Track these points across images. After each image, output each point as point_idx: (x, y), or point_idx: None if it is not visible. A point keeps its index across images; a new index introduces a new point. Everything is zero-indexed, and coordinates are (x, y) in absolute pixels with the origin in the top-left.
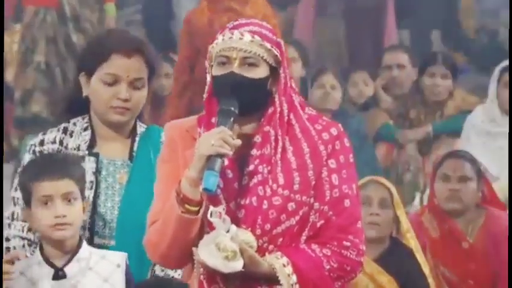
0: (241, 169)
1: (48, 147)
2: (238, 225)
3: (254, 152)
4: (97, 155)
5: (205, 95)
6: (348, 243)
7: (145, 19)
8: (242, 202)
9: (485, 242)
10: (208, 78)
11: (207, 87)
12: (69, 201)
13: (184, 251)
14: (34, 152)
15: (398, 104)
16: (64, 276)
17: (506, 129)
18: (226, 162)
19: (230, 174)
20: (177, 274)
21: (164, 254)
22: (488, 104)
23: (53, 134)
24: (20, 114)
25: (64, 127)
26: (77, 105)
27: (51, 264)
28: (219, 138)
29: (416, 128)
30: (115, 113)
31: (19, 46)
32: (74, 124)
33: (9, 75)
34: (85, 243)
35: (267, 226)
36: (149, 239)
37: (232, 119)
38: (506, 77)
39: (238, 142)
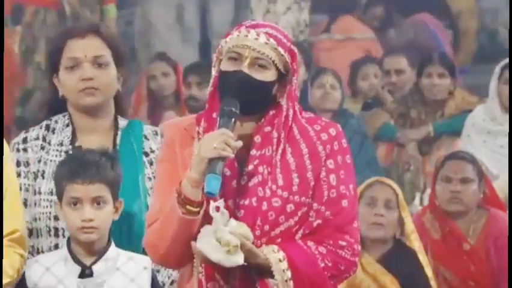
0: (239, 168)
1: (31, 144)
2: None
3: (254, 152)
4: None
5: (209, 89)
6: (343, 243)
7: None
8: (241, 202)
9: (487, 243)
10: (214, 72)
11: (211, 81)
12: (98, 204)
13: (185, 251)
14: (18, 149)
15: (398, 104)
16: (90, 274)
17: (507, 128)
18: (225, 161)
19: (228, 172)
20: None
21: (164, 254)
22: (489, 102)
23: (35, 132)
24: (20, 114)
25: (46, 124)
26: (58, 107)
27: (79, 262)
28: (221, 141)
29: (417, 127)
30: (85, 95)
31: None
32: (56, 122)
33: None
34: (113, 244)
35: (266, 227)
36: (149, 240)
37: (233, 120)
38: (507, 74)
39: (240, 144)
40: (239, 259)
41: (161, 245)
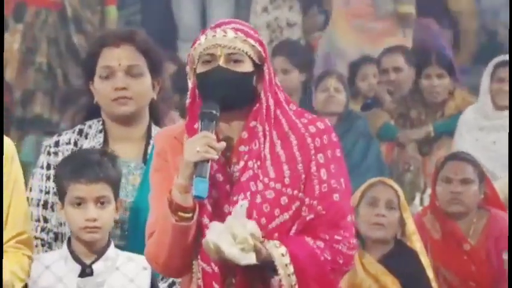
0: (229, 168)
1: (63, 148)
2: None
3: (242, 148)
4: None
5: (187, 100)
6: (339, 237)
7: (144, 20)
8: (235, 198)
9: (487, 243)
10: (190, 84)
11: (189, 92)
12: (102, 204)
13: (184, 259)
14: (49, 153)
15: (398, 104)
16: (90, 273)
17: (499, 122)
18: (216, 166)
19: (221, 177)
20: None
21: (165, 264)
22: (480, 99)
23: (68, 136)
24: (20, 115)
25: (80, 129)
26: (94, 113)
27: (79, 261)
28: (204, 144)
29: (417, 127)
30: (118, 105)
31: (20, 46)
32: (90, 127)
33: (9, 75)
34: (112, 244)
35: (263, 220)
36: (149, 251)
37: (214, 122)
38: (500, 72)
39: (223, 145)
40: (252, 258)
41: (161, 254)
